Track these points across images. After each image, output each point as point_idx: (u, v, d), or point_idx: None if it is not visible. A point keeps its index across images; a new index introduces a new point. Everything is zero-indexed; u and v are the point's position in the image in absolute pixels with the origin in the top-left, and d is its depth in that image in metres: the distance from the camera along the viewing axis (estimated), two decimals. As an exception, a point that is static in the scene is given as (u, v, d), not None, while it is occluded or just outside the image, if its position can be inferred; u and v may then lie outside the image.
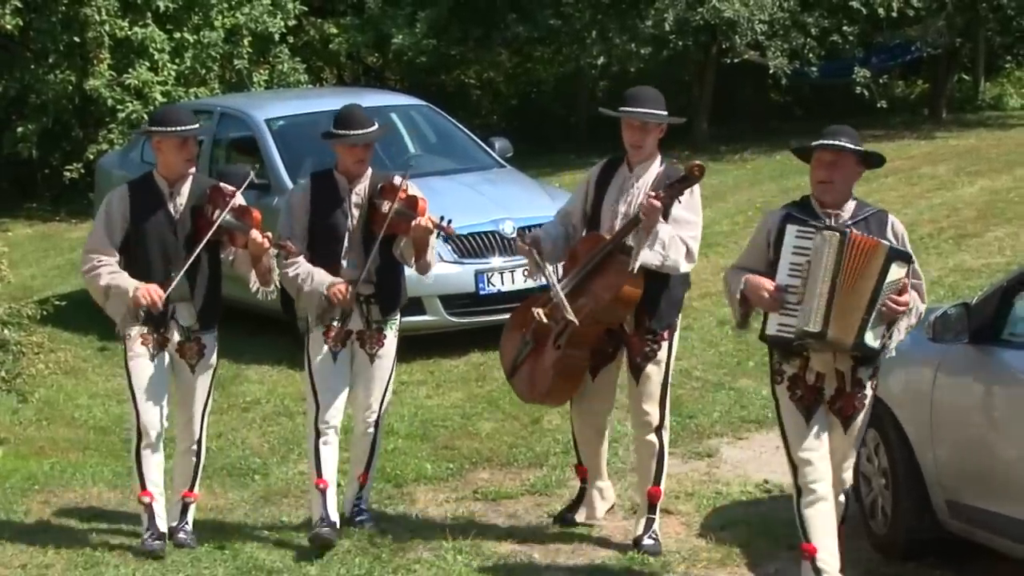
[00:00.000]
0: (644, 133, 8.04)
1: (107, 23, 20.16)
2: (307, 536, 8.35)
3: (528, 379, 8.30)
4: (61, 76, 20.36)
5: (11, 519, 9.20)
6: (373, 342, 8.40)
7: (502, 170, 14.11)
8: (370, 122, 8.41)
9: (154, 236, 8.12)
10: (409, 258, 8.39)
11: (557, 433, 10.26)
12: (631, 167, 8.11)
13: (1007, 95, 27.99)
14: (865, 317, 6.66)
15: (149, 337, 8.12)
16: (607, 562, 8.19)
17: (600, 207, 8.10)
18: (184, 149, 8.16)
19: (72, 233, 19.32)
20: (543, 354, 8.12)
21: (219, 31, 21.19)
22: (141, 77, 20.37)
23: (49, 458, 10.51)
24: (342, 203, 8.35)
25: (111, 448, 10.69)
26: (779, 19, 22.89)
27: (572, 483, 9.43)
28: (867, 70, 24.70)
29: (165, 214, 8.14)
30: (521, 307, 8.59)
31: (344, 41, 23.92)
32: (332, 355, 8.32)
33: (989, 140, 22.61)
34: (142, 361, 8.14)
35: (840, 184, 6.94)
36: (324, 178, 8.51)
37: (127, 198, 8.19)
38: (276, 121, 14.01)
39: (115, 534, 8.83)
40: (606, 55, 23.66)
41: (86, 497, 9.60)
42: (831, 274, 6.68)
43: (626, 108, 8.02)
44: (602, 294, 7.84)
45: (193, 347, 8.23)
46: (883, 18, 23.82)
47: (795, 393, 6.97)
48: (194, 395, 8.31)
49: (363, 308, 8.36)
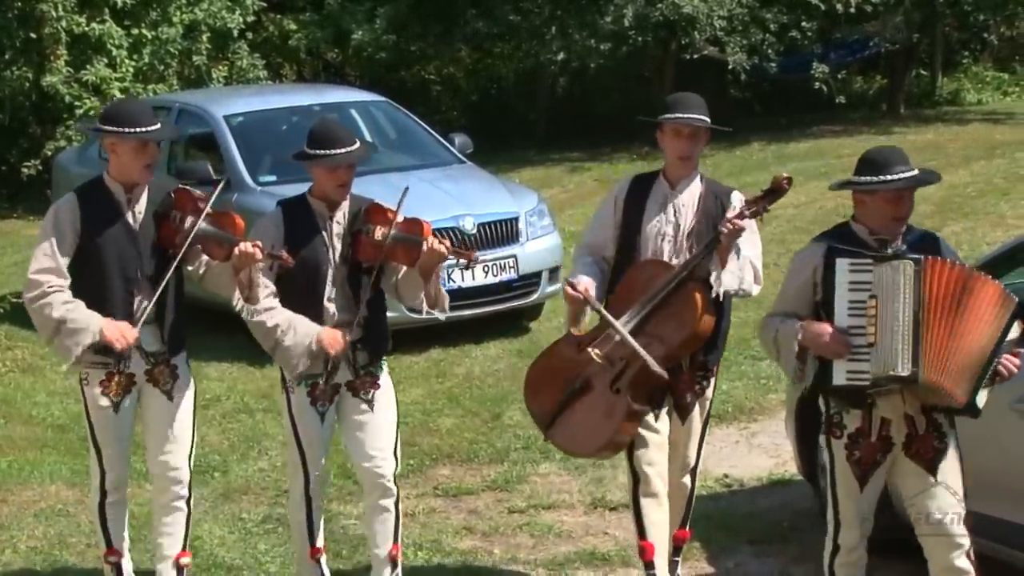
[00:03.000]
0: (694, 142, 6.98)
1: (64, 19, 20.08)
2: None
3: (577, 430, 7.05)
4: (18, 72, 20.28)
5: (-32, 518, 9.18)
6: (367, 387, 7.06)
7: (462, 166, 14.10)
8: (352, 139, 7.08)
9: (111, 251, 6.76)
10: (409, 292, 7.07)
11: (518, 429, 10.28)
12: (672, 183, 7.02)
13: (964, 90, 28.11)
14: (980, 374, 5.91)
15: (110, 383, 6.82)
16: (568, 558, 8.21)
17: (639, 231, 7.00)
18: (143, 153, 6.79)
19: (29, 230, 19.19)
20: (595, 401, 6.94)
21: (177, 27, 21.13)
22: (99, 74, 20.31)
23: (6, 456, 10.47)
24: (321, 235, 6.97)
25: (69, 446, 10.64)
26: (738, 15, 22.95)
27: (532, 478, 9.46)
28: (825, 66, 24.83)
29: (123, 225, 6.81)
30: (555, 351, 7.31)
31: (303, 37, 23.91)
32: (320, 416, 7.03)
33: (947, 135, 22.68)
34: (105, 413, 6.85)
35: (906, 216, 6.20)
36: (296, 205, 7.11)
37: (76, 208, 6.80)
38: (235, 117, 13.96)
39: (74, 532, 8.81)
40: (566, 51, 23.67)
41: (44, 495, 9.55)
42: (911, 308, 5.88)
43: (675, 115, 6.92)
44: (678, 329, 6.81)
45: (164, 369, 6.93)
46: (841, 14, 23.92)
47: (853, 454, 6.18)
48: (173, 428, 6.96)
49: (350, 356, 7.01)
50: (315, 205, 7.02)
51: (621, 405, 6.85)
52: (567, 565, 8.13)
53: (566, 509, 8.97)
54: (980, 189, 18.01)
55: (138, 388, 6.92)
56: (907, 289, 5.86)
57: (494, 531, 8.69)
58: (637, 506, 7.12)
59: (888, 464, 6.20)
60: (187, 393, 7.04)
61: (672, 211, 6.96)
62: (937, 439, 6.11)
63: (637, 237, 6.98)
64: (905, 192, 6.11)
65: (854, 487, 6.22)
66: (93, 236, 6.77)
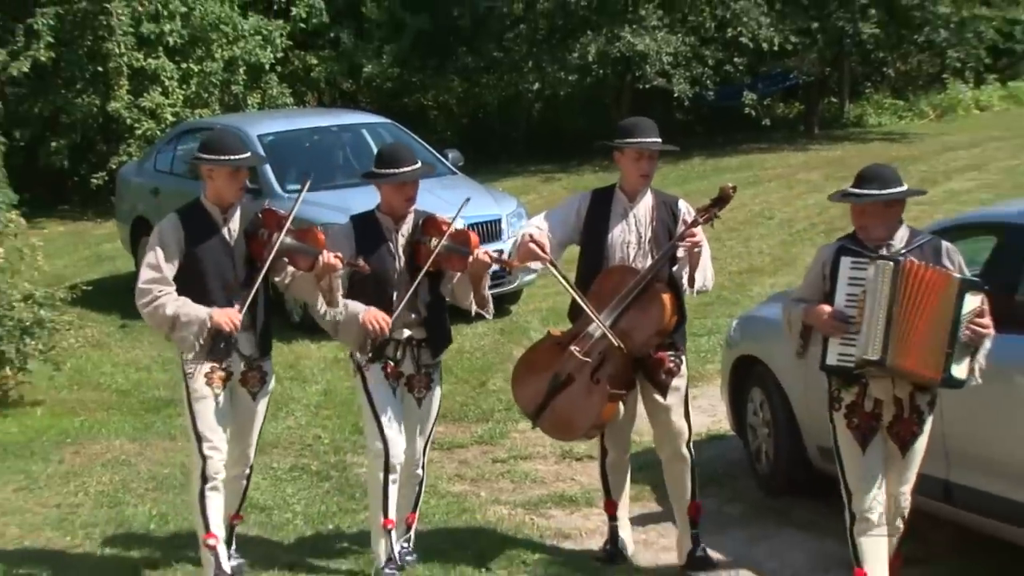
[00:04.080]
0: (653, 162, 6.73)
1: (125, 55, 20.03)
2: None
3: (563, 418, 6.81)
4: (87, 100, 20.22)
5: (48, 467, 9.15)
6: (421, 387, 6.82)
7: (454, 177, 14.05)
8: (415, 158, 6.80)
9: (211, 263, 6.45)
10: (463, 295, 6.86)
11: (500, 394, 10.26)
12: (631, 197, 6.74)
13: (867, 115, 28.16)
14: (948, 352, 5.68)
15: (214, 375, 6.49)
16: (542, 499, 8.21)
17: (605, 239, 6.73)
18: (236, 178, 6.51)
19: (97, 231, 19.19)
20: (578, 392, 6.71)
21: (219, 62, 21.10)
22: (154, 100, 20.26)
23: (79, 416, 10.46)
24: (388, 244, 6.71)
25: (131, 408, 10.64)
26: (682, 52, 22.95)
27: (512, 434, 9.46)
28: (754, 94, 24.91)
29: (220, 240, 6.48)
30: (540, 347, 7.10)
31: (323, 70, 23.85)
32: (392, 389, 6.73)
33: (852, 151, 22.70)
34: (208, 403, 6.48)
35: (876, 227, 5.97)
36: (366, 219, 6.83)
37: (180, 227, 6.47)
38: (267, 136, 13.90)
39: (135, 479, 8.81)
40: (540, 82, 23.68)
41: (109, 448, 9.54)
42: (887, 302, 5.73)
43: (639, 139, 6.66)
44: (647, 325, 6.57)
45: (255, 376, 6.64)
46: (766, 51, 23.90)
47: (852, 421, 5.98)
48: (253, 423, 6.75)
49: (415, 352, 6.77)
50: (383, 219, 6.75)
51: (602, 392, 6.61)
52: (540, 505, 8.13)
53: (540, 460, 8.97)
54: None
55: (231, 386, 6.57)
56: (885, 286, 5.73)
57: (481, 477, 8.69)
58: (604, 472, 7.11)
59: (883, 437, 5.97)
60: (267, 397, 6.78)
61: (633, 221, 6.71)
62: (917, 424, 5.93)
63: (604, 245, 6.71)
64: (864, 206, 5.92)
65: (856, 452, 5.98)
66: (195, 251, 6.44)
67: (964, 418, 5.89)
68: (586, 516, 7.94)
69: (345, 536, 7.66)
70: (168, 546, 7.58)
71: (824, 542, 7.30)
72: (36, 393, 11.01)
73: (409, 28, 23.91)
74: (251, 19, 21.86)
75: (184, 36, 20.77)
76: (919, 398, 5.90)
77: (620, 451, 7.03)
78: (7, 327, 10.46)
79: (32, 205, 16.82)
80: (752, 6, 22.97)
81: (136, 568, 7.27)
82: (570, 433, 7.03)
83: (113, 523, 7.99)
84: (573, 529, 7.75)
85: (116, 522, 8.01)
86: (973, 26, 25.20)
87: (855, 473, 6.00)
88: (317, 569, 7.13)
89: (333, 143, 14.61)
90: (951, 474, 6.54)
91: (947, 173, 18.92)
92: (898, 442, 5.95)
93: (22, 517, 8.16)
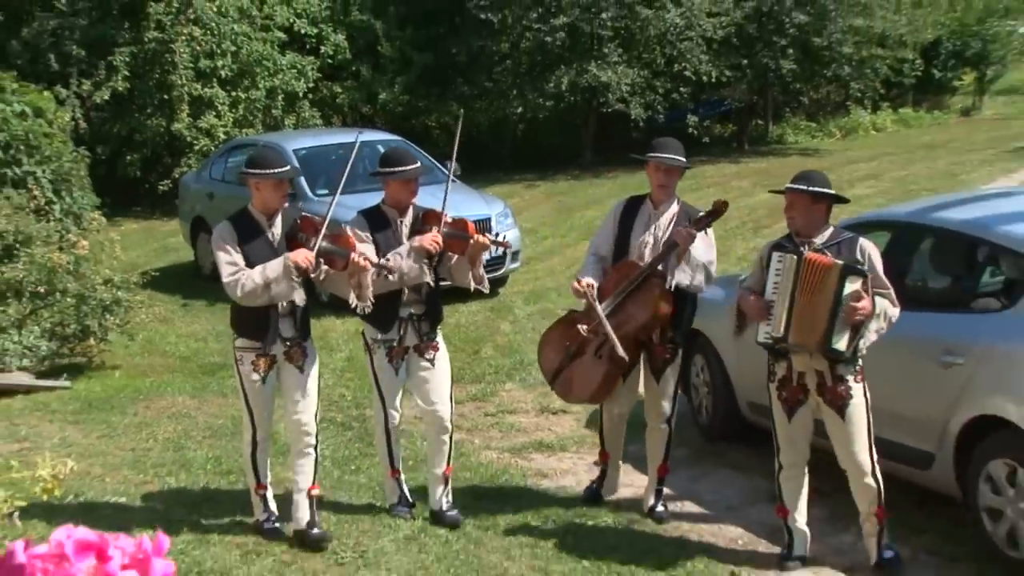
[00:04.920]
0: (671, 176, 6.55)
1: (186, 86, 19.92)
2: (392, 512, 6.79)
3: (571, 384, 6.69)
4: (155, 122, 20.10)
5: (124, 418, 9.12)
6: (429, 349, 6.58)
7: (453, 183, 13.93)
8: (415, 159, 6.71)
9: (259, 262, 6.10)
10: (461, 275, 6.59)
11: (490, 360, 10.26)
12: (655, 204, 6.57)
13: (787, 134, 28.14)
14: (828, 326, 5.56)
15: (260, 361, 6.22)
16: (524, 445, 8.20)
17: (628, 238, 6.54)
18: (279, 188, 6.24)
19: (163, 227, 19.08)
20: (585, 364, 6.58)
21: (262, 91, 21.00)
22: (209, 122, 20.14)
23: (149, 377, 10.43)
24: (397, 234, 6.53)
25: (191, 371, 10.60)
26: (637, 83, 22.92)
27: (500, 393, 9.44)
28: (696, 117, 24.97)
29: (266, 243, 6.18)
30: (561, 322, 6.90)
31: (346, 97, 23.72)
32: (394, 369, 6.54)
33: (775, 164, 22.73)
34: (256, 385, 6.24)
35: (800, 218, 5.85)
36: (374, 211, 6.64)
37: (232, 231, 6.19)
38: (300, 150, 13.83)
39: (195, 428, 8.79)
40: (523, 106, 23.63)
41: (173, 403, 9.51)
42: (791, 288, 5.67)
43: (657, 155, 6.53)
44: (641, 312, 6.38)
45: (298, 351, 6.29)
46: (706, 83, 23.92)
47: (781, 394, 5.87)
48: (306, 394, 6.32)
49: (416, 325, 6.53)
50: (388, 212, 6.58)
51: (602, 367, 6.49)
52: (523, 450, 8.12)
53: (523, 413, 8.96)
54: (797, 199, 17.99)
55: (278, 365, 6.27)
56: (791, 274, 5.68)
57: (475, 428, 8.67)
58: (601, 429, 6.96)
59: (812, 405, 5.82)
60: (314, 367, 6.39)
61: (653, 225, 6.49)
62: (844, 389, 5.71)
63: (627, 243, 6.53)
64: (792, 199, 5.83)
65: (783, 419, 5.89)
66: (245, 251, 6.12)
67: (873, 380, 5.87)
68: (560, 459, 7.93)
69: (364, 474, 7.65)
70: (221, 482, 7.57)
71: (752, 479, 7.30)
72: (115, 359, 10.96)
73: (416, 63, 23.85)
74: (288, 56, 21.77)
75: (234, 70, 20.65)
76: (840, 368, 5.71)
77: (621, 415, 6.86)
78: (91, 306, 10.44)
79: (111, 207, 16.75)
80: (694, 46, 22.93)
81: (195, 499, 7.25)
82: (577, 398, 6.88)
83: (177, 464, 7.97)
84: (550, 469, 7.73)
85: (179, 463, 7.98)
86: (870, 64, 25.40)
87: (781, 435, 5.96)
88: (342, 501, 7.10)
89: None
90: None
91: (850, 181, 18.91)
92: (833, 407, 5.75)
93: (104, 459, 8.12)
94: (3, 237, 10.23)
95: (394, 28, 23.84)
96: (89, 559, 1.10)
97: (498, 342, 11.00)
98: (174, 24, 19.94)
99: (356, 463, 7.87)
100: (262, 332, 6.19)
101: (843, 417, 5.73)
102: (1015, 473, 5.72)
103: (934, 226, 6.76)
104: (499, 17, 23.06)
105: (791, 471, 5.99)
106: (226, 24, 20.43)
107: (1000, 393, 5.74)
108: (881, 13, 24.47)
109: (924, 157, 22.62)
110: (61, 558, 1.09)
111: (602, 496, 7.00)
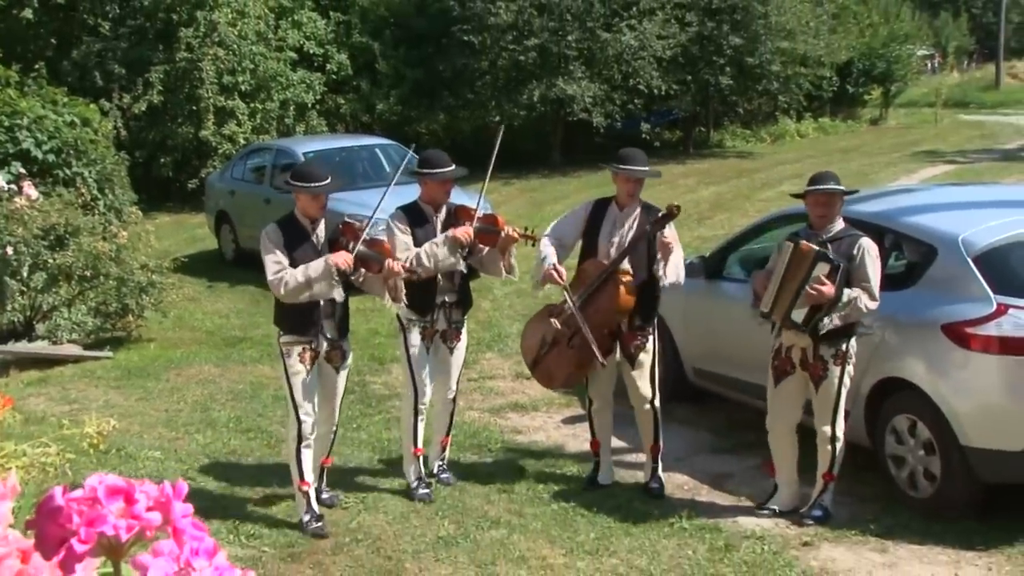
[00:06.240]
0: (637, 184, 6.19)
1: (212, 99, 19.77)
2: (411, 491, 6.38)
3: (548, 371, 6.44)
4: (185, 130, 19.95)
5: (159, 384, 9.05)
6: (452, 338, 6.33)
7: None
8: (450, 161, 6.32)
9: (302, 263, 5.69)
10: (492, 265, 6.26)
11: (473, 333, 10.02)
12: (621, 208, 6.21)
13: (725, 139, 28.14)
14: (792, 299, 5.48)
15: (305, 354, 5.77)
16: (503, 406, 8.17)
17: (597, 238, 6.21)
18: (318, 199, 5.79)
19: (192, 220, 18.91)
20: (560, 353, 6.32)
21: (276, 102, 20.85)
22: (231, 130, 20.02)
23: (179, 349, 10.35)
24: (433, 227, 6.19)
25: (215, 344, 10.53)
26: (598, 95, 22.86)
27: (482, 361, 9.39)
28: (648, 124, 24.86)
29: (311, 245, 5.78)
30: (538, 315, 6.57)
31: (349, 107, 23.62)
32: (425, 348, 6.24)
33: (715, 165, 22.73)
34: (302, 376, 5.77)
35: (830, 215, 5.66)
36: (412, 208, 6.29)
37: (280, 233, 5.77)
38: (309, 152, 13.70)
39: (219, 393, 8.72)
40: (501, 115, 23.47)
41: (200, 372, 9.43)
42: (783, 271, 5.56)
43: (627, 167, 6.14)
44: (608, 304, 6.09)
45: (337, 353, 5.91)
46: (657, 95, 23.87)
47: (774, 363, 5.75)
48: (336, 390, 6.00)
49: (447, 312, 6.28)
50: (424, 208, 6.24)
51: (573, 355, 6.24)
52: (501, 410, 8.10)
53: (501, 379, 8.93)
54: (733, 194, 18.05)
55: (318, 363, 5.85)
56: (785, 259, 5.56)
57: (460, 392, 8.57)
58: (590, 417, 6.49)
59: (799, 377, 5.69)
60: (347, 370, 6.06)
61: (619, 226, 6.16)
62: (822, 369, 5.60)
63: (595, 242, 6.21)
64: (821, 197, 5.61)
65: (772, 385, 5.80)
66: (292, 253, 5.71)
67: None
68: (532, 418, 7.91)
69: (364, 431, 7.62)
70: (242, 439, 7.52)
71: (698, 433, 7.31)
72: (150, 333, 10.86)
73: (408, 79, 23.76)
74: (298, 72, 21.63)
75: (252, 84, 20.49)
76: (822, 349, 5.60)
77: (603, 402, 6.41)
78: (130, 287, 10.35)
79: (147, 203, 16.62)
80: (647, 64, 22.88)
81: (219, 452, 7.22)
82: (551, 383, 6.63)
83: (204, 422, 7.92)
84: (524, 427, 7.71)
85: (206, 422, 7.94)
86: (795, 80, 25.45)
87: (770, 399, 5.88)
88: (345, 452, 7.06)
89: (355, 158, 14.43)
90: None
91: (779, 179, 18.93)
92: (812, 380, 5.67)
93: (142, 418, 8.07)
94: (55, 229, 10.16)
95: (389, 49, 23.75)
96: (118, 502, 1.09)
97: (479, 318, 10.97)
98: (201, 46, 19.76)
99: (357, 422, 7.83)
100: (308, 327, 5.77)
101: (817, 390, 5.66)
102: (915, 426, 5.80)
103: (850, 217, 6.74)
104: (480, 39, 22.95)
105: (777, 433, 5.87)
106: (246, 46, 20.26)
107: (903, 358, 5.79)
108: (803, 37, 24.68)
109: (840, 159, 22.65)
110: (94, 501, 1.08)
111: (599, 483, 6.46)
